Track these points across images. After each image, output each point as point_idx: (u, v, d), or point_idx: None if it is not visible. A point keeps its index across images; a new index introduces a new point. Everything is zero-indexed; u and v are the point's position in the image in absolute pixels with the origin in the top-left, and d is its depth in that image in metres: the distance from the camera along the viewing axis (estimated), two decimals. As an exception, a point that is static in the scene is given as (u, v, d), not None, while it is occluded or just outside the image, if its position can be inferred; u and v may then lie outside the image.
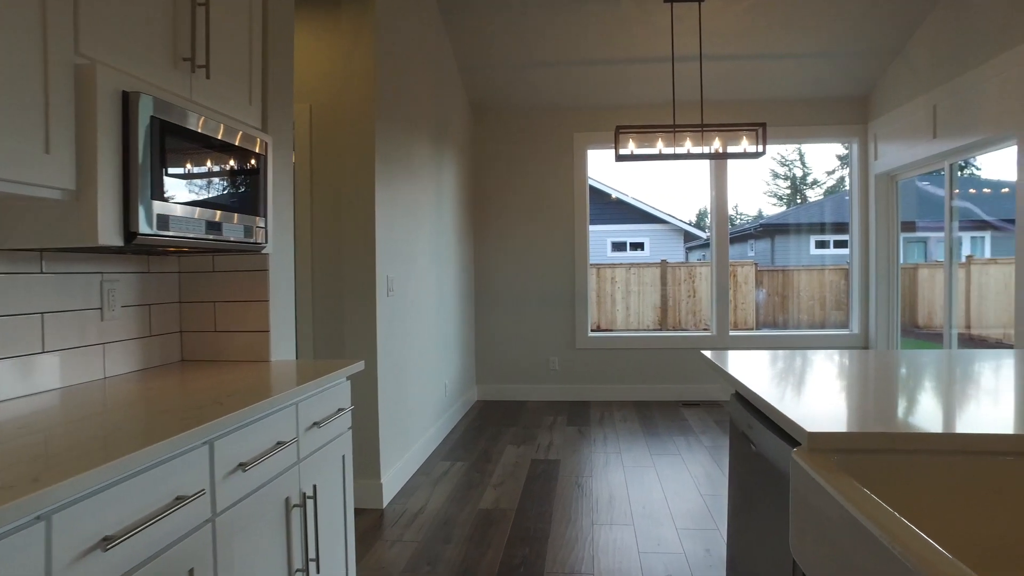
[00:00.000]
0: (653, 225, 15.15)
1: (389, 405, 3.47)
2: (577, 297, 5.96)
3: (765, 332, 5.95)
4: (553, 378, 6.01)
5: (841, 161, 23.17)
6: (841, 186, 23.17)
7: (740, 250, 16.60)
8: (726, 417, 5.21)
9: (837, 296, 8.75)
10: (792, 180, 22.78)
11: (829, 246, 15.97)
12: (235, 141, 1.79)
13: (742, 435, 1.70)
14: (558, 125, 5.96)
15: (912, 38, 4.97)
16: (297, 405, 1.71)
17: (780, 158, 21.10)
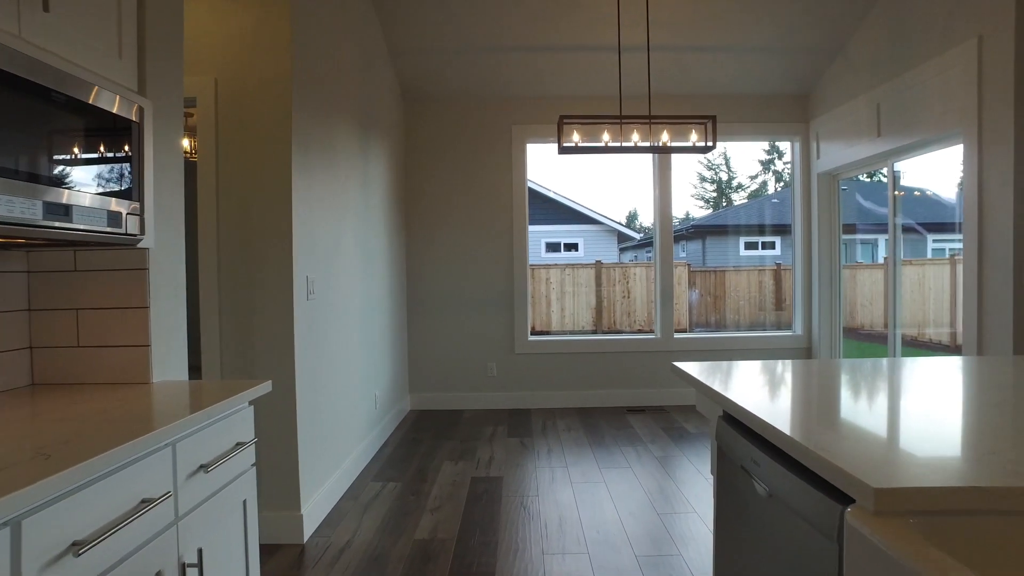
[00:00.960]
0: (587, 226, 15.08)
1: (310, 424, 3.03)
2: (516, 299, 5.65)
3: (709, 334, 5.82)
4: (491, 385, 5.67)
5: (764, 166, 23.92)
6: (764, 190, 23.90)
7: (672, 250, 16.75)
8: (674, 424, 5.01)
9: (768, 297, 8.92)
10: (718, 183, 23.36)
11: (758, 247, 16.32)
12: (89, 99, 1.36)
13: (741, 469, 1.40)
14: (496, 116, 5.62)
15: (852, 37, 4.90)
16: (175, 446, 1.30)
17: (707, 162, 21.59)
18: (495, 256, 5.64)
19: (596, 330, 7.63)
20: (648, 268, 9.24)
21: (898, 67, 4.38)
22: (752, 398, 1.43)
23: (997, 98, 3.58)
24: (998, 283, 3.60)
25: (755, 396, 1.46)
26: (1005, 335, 3.57)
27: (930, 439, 1.09)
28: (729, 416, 1.54)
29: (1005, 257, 3.55)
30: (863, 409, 1.38)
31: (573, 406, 5.67)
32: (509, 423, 5.14)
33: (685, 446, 4.40)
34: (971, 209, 3.76)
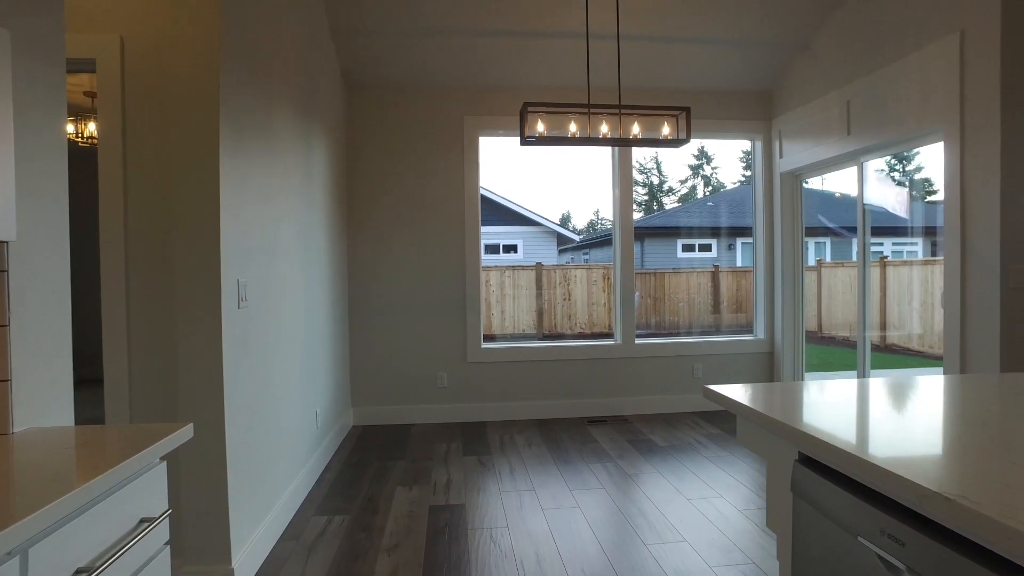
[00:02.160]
0: (526, 227, 14.84)
1: (244, 458, 2.54)
2: (468, 304, 5.23)
3: (670, 339, 5.58)
4: (442, 396, 5.23)
5: (693, 171, 24.39)
6: (693, 194, 24.36)
7: (608, 253, 16.71)
8: (639, 436, 4.71)
9: (706, 299, 8.97)
10: (650, 187, 23.69)
11: (695, 250, 16.47)
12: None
13: (846, 534, 1.05)
14: (447, 107, 5.20)
15: (819, 32, 4.74)
16: (26, 553, 0.84)
17: (639, 165, 21.82)
18: (445, 257, 5.21)
19: (538, 334, 7.46)
20: (589, 270, 9.06)
21: (871, 63, 4.22)
22: (871, 442, 1.08)
23: (981, 95, 3.44)
24: (983, 288, 3.45)
25: (868, 437, 1.11)
26: (990, 342, 3.42)
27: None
28: (817, 464, 1.19)
29: (991, 260, 3.40)
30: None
31: (531, 417, 5.30)
32: (463, 438, 4.72)
33: (656, 461, 4.09)
34: (952, 210, 3.61)
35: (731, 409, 1.49)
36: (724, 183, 24.73)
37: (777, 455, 1.35)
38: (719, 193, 20.69)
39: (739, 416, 1.53)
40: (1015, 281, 3.38)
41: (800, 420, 1.24)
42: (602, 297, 8.73)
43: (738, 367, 5.53)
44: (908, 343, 11.12)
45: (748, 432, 1.50)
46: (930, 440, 1.11)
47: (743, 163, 23.47)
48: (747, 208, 18.41)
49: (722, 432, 4.76)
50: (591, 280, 8.75)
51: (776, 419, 1.26)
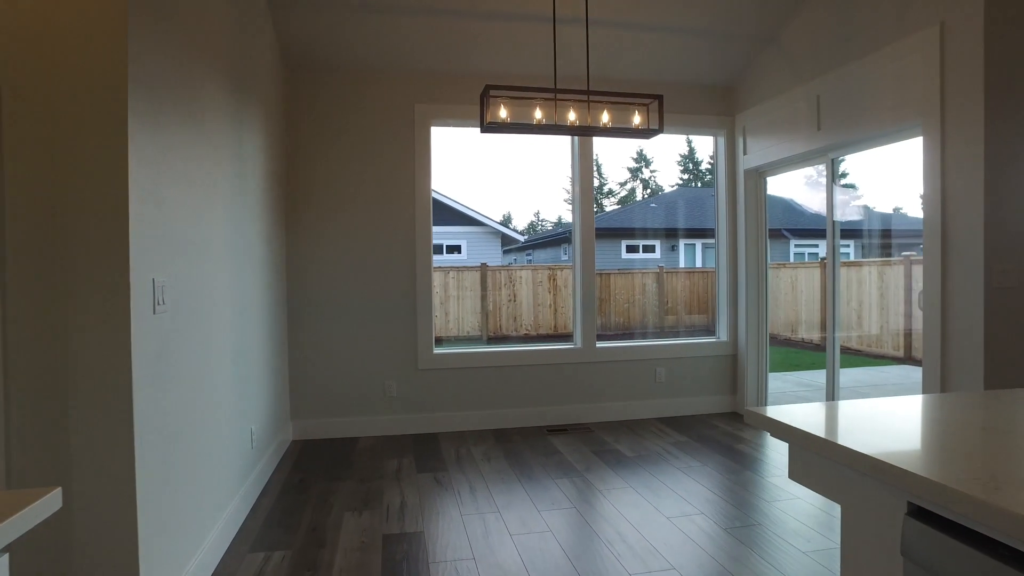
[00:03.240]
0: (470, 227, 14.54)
1: (159, 496, 2.09)
2: (420, 306, 4.84)
3: (632, 343, 5.32)
4: (391, 407, 4.82)
5: (632, 173, 24.65)
6: (632, 196, 24.61)
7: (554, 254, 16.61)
8: (604, 446, 4.43)
9: (651, 299, 9.02)
10: (572, 194, 23.94)
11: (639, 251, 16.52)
12: None
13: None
14: (397, 93, 4.79)
15: (788, 25, 4.59)
16: None
17: None
18: (394, 256, 4.80)
19: (482, 336, 7.30)
20: (535, 271, 8.90)
21: (842, 57, 4.08)
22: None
23: (963, 90, 3.31)
24: (966, 288, 3.32)
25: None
26: (973, 344, 3.29)
27: None
28: (937, 518, 0.89)
29: (974, 259, 3.27)
30: None
31: (487, 427, 4.95)
32: (416, 453, 4.33)
33: (626, 474, 3.82)
34: (932, 207, 3.47)
35: (790, 440, 1.19)
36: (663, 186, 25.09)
37: (863, 502, 1.06)
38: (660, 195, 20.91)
39: (793, 446, 1.23)
40: (999, 281, 3.26)
41: (902, 457, 0.95)
42: (548, 298, 8.54)
43: (701, 370, 5.34)
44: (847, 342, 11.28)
45: (810, 468, 1.20)
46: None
47: (680, 166, 23.83)
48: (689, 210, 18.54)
49: (689, 439, 4.54)
50: (536, 281, 8.55)
51: (880, 460, 0.96)
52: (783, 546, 2.81)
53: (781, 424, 1.21)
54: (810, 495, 3.42)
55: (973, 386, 3.28)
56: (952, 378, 3.40)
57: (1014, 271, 3.27)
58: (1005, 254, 3.26)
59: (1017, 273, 3.28)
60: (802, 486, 3.32)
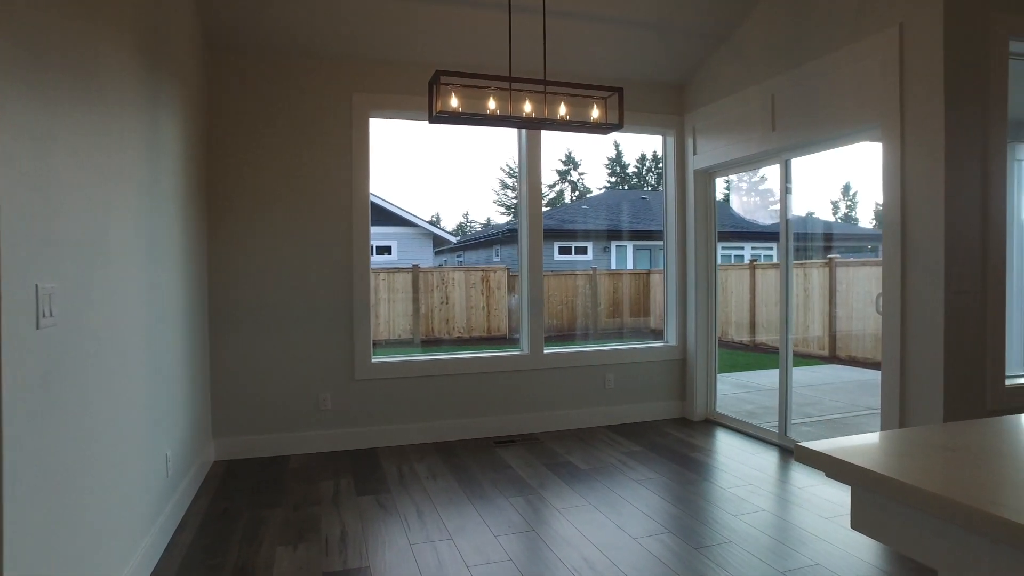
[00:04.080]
0: (400, 227, 14.12)
1: (42, 552, 1.69)
2: (357, 312, 4.47)
3: (581, 348, 5.12)
4: (326, 421, 4.43)
5: (561, 176, 24.81)
6: (561, 199, 24.77)
7: (486, 255, 16.39)
8: (556, 458, 4.20)
9: (584, 300, 9.02)
10: (519, 191, 23.94)
11: (571, 252, 16.51)
12: None
13: None
14: (333, 81, 4.41)
15: (742, 23, 4.50)
16: None
17: (508, 169, 21.87)
18: (329, 258, 4.42)
19: (415, 339, 7.12)
20: (468, 272, 8.70)
21: (798, 57, 4.01)
22: None
23: (922, 92, 3.26)
24: (925, 292, 3.28)
25: None
26: (932, 348, 3.25)
27: None
28: None
29: (934, 263, 3.23)
30: None
31: (430, 440, 4.63)
32: (354, 471, 3.97)
33: (584, 489, 3.60)
34: (892, 210, 3.42)
35: (860, 484, 0.97)
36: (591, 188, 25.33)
37: (975, 568, 0.84)
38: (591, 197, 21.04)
39: (860, 490, 1.02)
40: (957, 285, 3.23)
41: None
42: (481, 300, 8.34)
43: (651, 376, 5.20)
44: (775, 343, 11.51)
45: (888, 520, 0.98)
46: None
47: (608, 169, 24.10)
48: (620, 212, 18.69)
49: (643, 449, 4.38)
50: (470, 283, 8.32)
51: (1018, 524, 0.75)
52: (759, 566, 2.65)
53: (847, 465, 0.99)
54: (773, 506, 3.30)
55: (933, 391, 3.24)
56: (911, 382, 3.36)
57: (970, 276, 3.25)
58: (963, 258, 3.23)
59: (973, 278, 3.26)
60: (764, 496, 3.23)
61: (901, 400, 3.40)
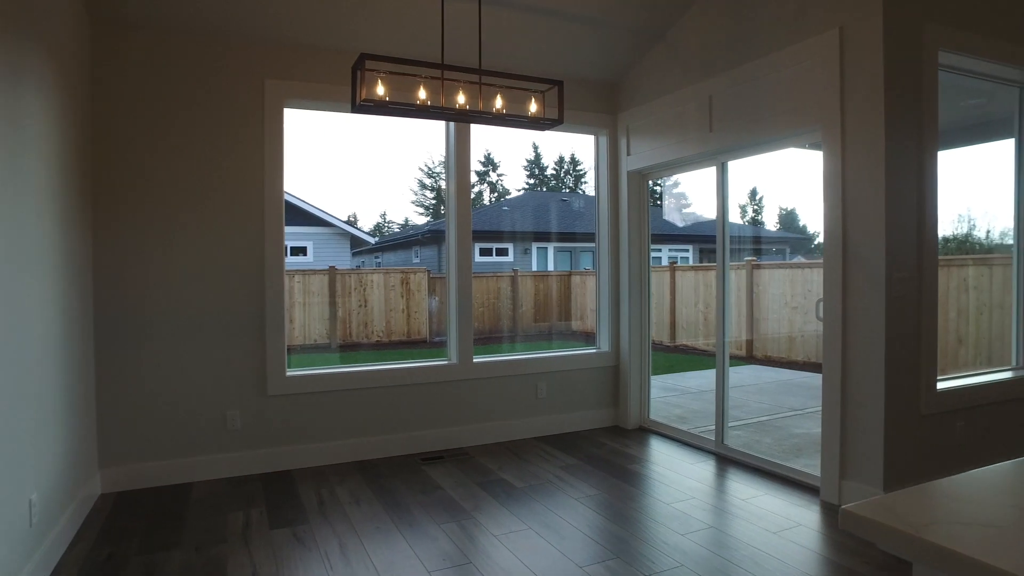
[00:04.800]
0: (316, 228, 13.50)
1: None
2: (269, 320, 4.05)
3: (512, 356, 4.87)
4: (234, 442, 3.98)
5: (480, 177, 24.67)
6: (480, 200, 24.64)
7: (405, 256, 15.96)
8: (488, 475, 3.94)
9: (505, 303, 9.07)
10: (437, 191, 23.59)
11: (492, 254, 16.33)
12: None
13: None
14: (243, 65, 3.97)
15: (678, 21, 4.39)
16: None
17: (427, 169, 21.60)
18: (237, 260, 3.97)
19: (331, 344, 6.91)
20: (387, 275, 8.42)
21: (738, 57, 3.93)
22: None
23: (863, 96, 3.22)
24: (867, 297, 3.24)
25: None
26: (874, 352, 3.21)
27: None
28: None
29: (875, 268, 3.19)
30: None
31: (351, 459, 4.26)
32: (268, 499, 3.56)
33: (522, 512, 3.36)
34: (834, 214, 3.37)
35: (930, 562, 0.76)
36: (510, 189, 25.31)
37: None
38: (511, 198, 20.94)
39: (924, 566, 0.81)
40: (897, 290, 3.21)
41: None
42: (401, 303, 7.96)
43: (583, 384, 5.03)
44: (695, 343, 11.71)
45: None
46: None
47: (527, 171, 24.14)
48: (540, 213, 18.65)
49: (578, 462, 4.18)
50: (389, 285, 7.89)
51: None
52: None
53: (920, 542, 0.77)
54: (720, 522, 3.17)
55: (874, 396, 3.21)
56: (852, 387, 3.31)
57: (909, 279, 3.24)
58: (901, 265, 3.21)
59: (910, 284, 3.25)
60: (710, 511, 3.09)
61: (842, 405, 3.35)
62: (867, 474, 3.23)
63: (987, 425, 3.62)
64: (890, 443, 3.18)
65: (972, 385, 3.57)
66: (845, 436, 3.34)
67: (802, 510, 3.31)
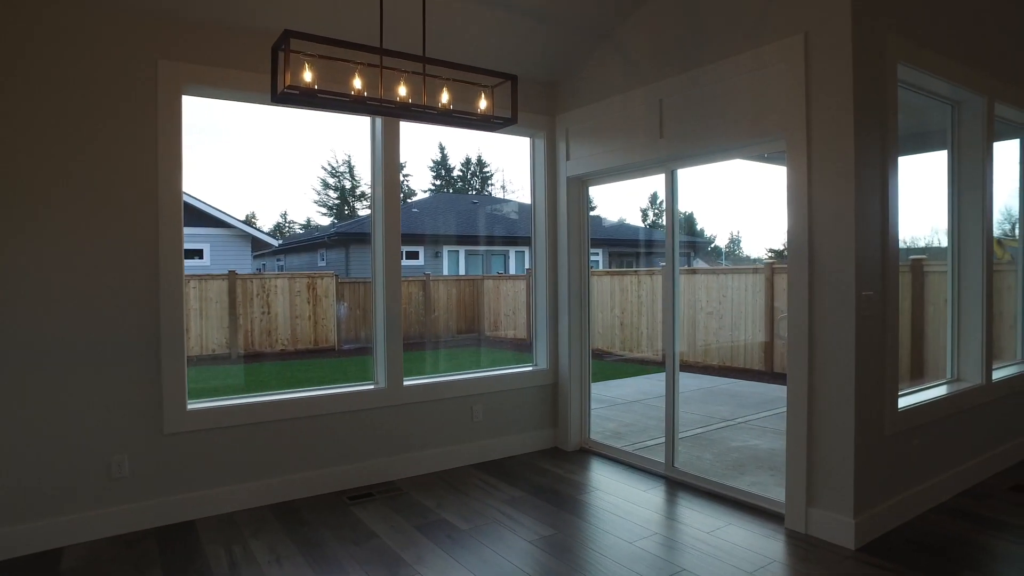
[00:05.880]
0: (213, 229, 12.44)
1: None
2: (166, 344, 3.42)
3: (444, 378, 4.43)
4: (122, 493, 3.32)
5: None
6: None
7: (310, 259, 15.10)
8: (426, 515, 3.51)
9: (417, 307, 8.95)
10: (342, 191, 22.68)
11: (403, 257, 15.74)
12: None
13: None
14: (132, 40, 3.33)
15: (626, 22, 4.15)
16: None
17: (330, 169, 20.76)
18: (126, 270, 3.33)
19: (231, 354, 6.53)
20: (292, 279, 8.00)
21: (694, 60, 3.71)
22: None
23: (830, 105, 3.07)
24: (835, 315, 3.09)
25: None
26: (842, 372, 3.07)
27: None
28: None
29: (844, 285, 3.05)
30: None
31: (267, 503, 3.70)
32: (164, 562, 2.96)
33: (471, 560, 2.96)
34: (799, 228, 3.21)
35: None
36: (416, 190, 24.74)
37: None
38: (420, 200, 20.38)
39: None
40: (866, 309, 3.08)
41: None
42: (307, 309, 7.33)
43: (521, 404, 4.69)
44: (611, 348, 11.64)
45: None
46: None
47: (433, 172, 23.70)
48: (449, 216, 18.18)
49: (524, 494, 3.83)
50: (294, 291, 7.36)
51: None
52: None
53: None
54: (692, 562, 2.92)
55: (843, 415, 3.06)
56: (819, 409, 3.15)
57: (874, 297, 3.12)
58: (868, 278, 3.09)
59: (875, 299, 3.13)
60: (676, 549, 2.83)
61: (809, 429, 3.19)
62: (836, 500, 3.08)
63: (936, 439, 3.59)
64: (860, 467, 3.05)
65: (926, 402, 3.52)
66: (812, 461, 3.18)
67: (770, 541, 3.12)
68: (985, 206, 3.97)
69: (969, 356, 4.04)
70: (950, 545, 3.05)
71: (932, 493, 3.54)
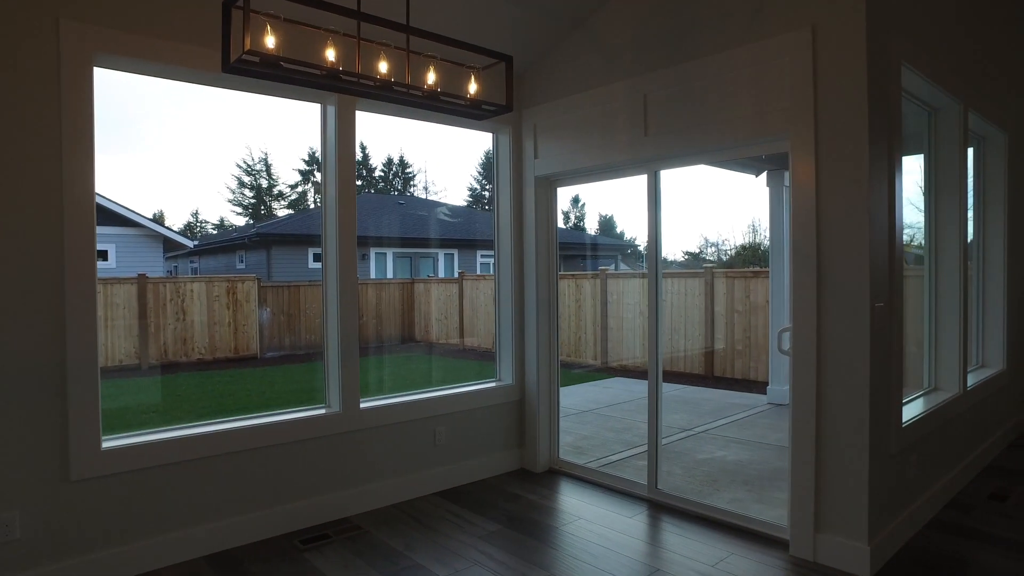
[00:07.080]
0: (120, 228, 11.28)
1: None
2: (73, 369, 2.79)
3: (405, 397, 3.94)
4: (14, 561, 2.67)
5: (304, 176, 23.04)
6: (304, 200, 22.97)
7: (227, 262, 14.09)
8: (398, 561, 3.05)
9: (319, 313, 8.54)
10: (257, 190, 21.52)
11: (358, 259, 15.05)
12: None
13: None
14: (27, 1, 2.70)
15: (603, 9, 3.83)
16: None
17: (246, 167, 19.67)
18: (22, 283, 2.68)
19: (141, 365, 6.12)
20: (210, 283, 7.47)
21: (683, 53, 3.44)
22: None
23: (841, 103, 2.86)
24: (846, 327, 2.88)
25: None
26: (854, 387, 2.86)
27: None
28: None
29: (857, 295, 2.84)
30: None
31: (202, 554, 3.12)
32: (75, 646, 2.37)
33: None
34: (806, 234, 2.98)
35: None
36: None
37: None
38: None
39: None
40: (879, 321, 2.88)
41: None
42: (226, 315, 7.02)
43: (486, 424, 4.28)
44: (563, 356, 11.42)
45: None
46: None
47: (355, 172, 22.96)
48: (376, 216, 17.50)
49: (500, 527, 3.44)
50: (212, 295, 7.02)
51: None
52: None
53: None
54: (703, 604, 2.62)
55: (857, 436, 2.85)
56: (828, 428, 2.94)
57: (884, 307, 2.94)
58: (878, 287, 2.90)
59: (885, 309, 2.95)
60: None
61: (817, 449, 2.96)
62: (848, 525, 2.87)
63: (926, 453, 3.48)
64: (873, 489, 2.85)
65: (920, 416, 3.39)
66: (820, 484, 2.95)
67: (781, 573, 2.87)
68: (961, 213, 3.92)
69: (945, 364, 3.98)
70: (957, 567, 2.91)
71: (926, 509, 3.42)
